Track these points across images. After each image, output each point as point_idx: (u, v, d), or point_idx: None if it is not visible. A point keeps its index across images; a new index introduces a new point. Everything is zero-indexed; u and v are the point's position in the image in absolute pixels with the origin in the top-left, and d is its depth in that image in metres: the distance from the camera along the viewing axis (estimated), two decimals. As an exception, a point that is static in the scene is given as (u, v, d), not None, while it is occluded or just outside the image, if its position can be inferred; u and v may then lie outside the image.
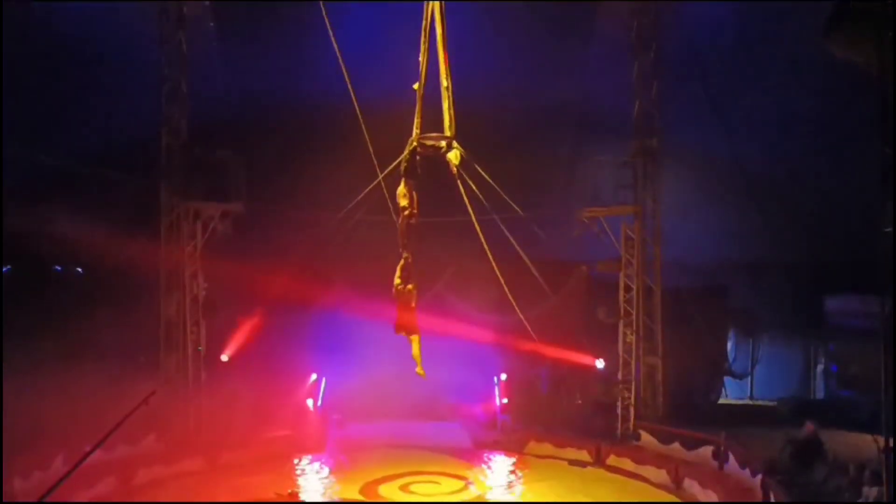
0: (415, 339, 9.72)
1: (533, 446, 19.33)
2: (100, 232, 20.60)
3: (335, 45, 9.31)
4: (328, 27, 9.56)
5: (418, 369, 9.76)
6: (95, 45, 17.69)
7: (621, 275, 19.13)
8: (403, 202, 9.46)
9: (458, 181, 9.60)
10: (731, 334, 23.05)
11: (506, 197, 10.48)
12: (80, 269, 20.58)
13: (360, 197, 10.47)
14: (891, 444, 11.08)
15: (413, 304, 9.57)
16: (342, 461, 18.39)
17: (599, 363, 19.77)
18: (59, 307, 19.53)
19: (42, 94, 18.11)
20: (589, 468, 17.94)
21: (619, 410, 19.10)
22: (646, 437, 18.12)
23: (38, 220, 18.95)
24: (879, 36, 11.52)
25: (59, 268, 20.27)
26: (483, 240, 10.18)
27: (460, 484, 16.50)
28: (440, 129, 9.55)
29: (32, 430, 14.50)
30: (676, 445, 17.07)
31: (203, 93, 18.69)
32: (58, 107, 18.53)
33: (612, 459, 17.96)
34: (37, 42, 17.20)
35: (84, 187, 20.03)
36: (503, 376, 20.79)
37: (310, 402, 20.06)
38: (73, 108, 18.66)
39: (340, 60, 9.38)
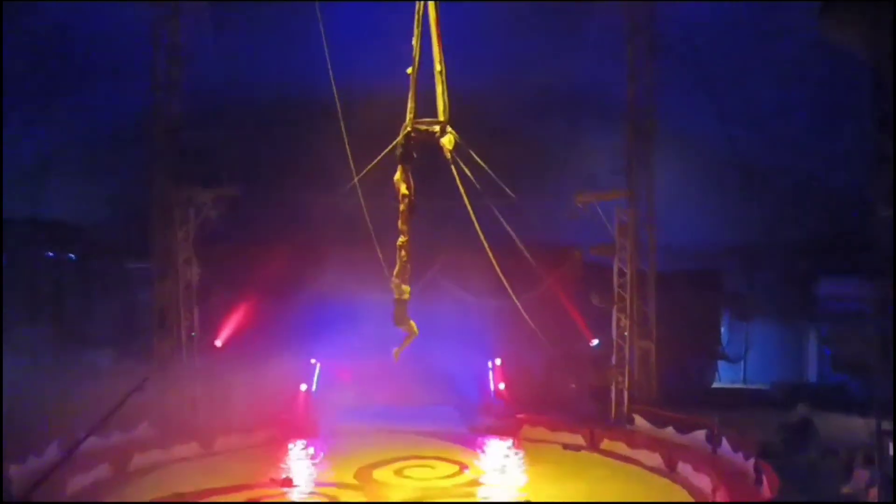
0: (409, 338, 9.73)
1: (527, 430, 19.41)
2: (92, 218, 20.60)
3: (322, 32, 9.28)
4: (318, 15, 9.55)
5: (396, 351, 9.81)
6: (87, 30, 17.59)
7: (615, 259, 19.14)
8: (403, 188, 9.43)
9: (452, 166, 9.56)
10: (724, 318, 23.13)
11: (499, 181, 10.44)
12: (72, 256, 20.54)
13: (354, 181, 10.41)
14: (882, 427, 11.16)
15: (406, 297, 9.54)
16: (336, 446, 18.42)
17: (594, 342, 19.84)
18: (52, 294, 19.52)
19: (33, 79, 18.01)
20: (583, 452, 18.02)
21: (612, 395, 19.17)
22: (639, 421, 18.20)
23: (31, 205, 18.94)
24: (872, 18, 11.52)
25: (51, 254, 20.22)
26: (477, 224, 10.15)
27: (455, 468, 16.53)
28: (434, 113, 9.51)
29: (27, 417, 14.47)
30: (670, 429, 17.16)
31: (195, 77, 18.57)
32: (49, 92, 18.43)
33: (605, 443, 18.04)
34: (28, 27, 17.08)
35: (77, 172, 19.99)
36: (497, 361, 20.84)
37: (303, 386, 20.08)
38: (65, 94, 18.55)
39: (325, 47, 9.35)
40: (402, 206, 9.45)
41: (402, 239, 9.43)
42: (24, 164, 18.77)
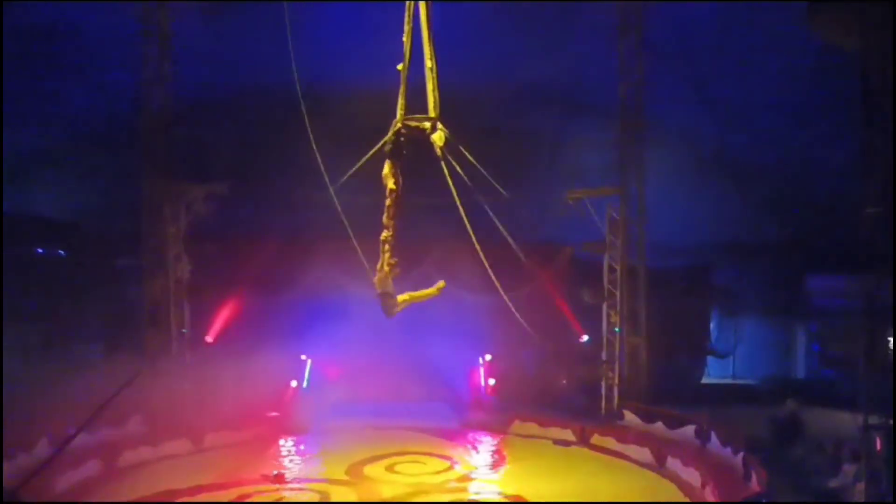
0: (406, 298, 9.60)
1: (518, 426, 19.45)
2: (82, 214, 20.52)
3: (288, 30, 9.32)
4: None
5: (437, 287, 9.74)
6: (76, 24, 17.51)
7: (605, 256, 19.20)
8: (391, 183, 9.42)
9: (443, 162, 9.56)
10: (713, 314, 23.24)
11: (490, 178, 10.45)
12: (62, 252, 20.47)
13: (345, 178, 10.41)
14: (869, 422, 11.25)
15: (391, 290, 9.49)
16: (327, 442, 18.43)
17: (584, 338, 19.91)
18: (42, 290, 19.44)
19: (23, 74, 17.92)
20: (573, 447, 18.08)
21: (602, 390, 19.24)
22: (629, 417, 18.27)
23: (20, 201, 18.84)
24: (860, 15, 11.57)
25: (41, 251, 20.14)
26: (467, 221, 10.16)
27: (446, 464, 16.56)
28: (425, 109, 9.51)
29: (17, 413, 14.42)
30: (659, 424, 17.23)
31: (186, 73, 18.51)
32: (37, 86, 18.34)
33: (596, 439, 18.09)
34: (18, 22, 16.99)
35: (66, 169, 19.91)
36: (487, 357, 20.88)
37: (294, 382, 20.07)
38: (53, 88, 18.47)
39: (290, 44, 9.39)
40: (388, 202, 9.43)
41: (385, 233, 9.41)
42: (12, 159, 18.69)
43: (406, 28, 9.33)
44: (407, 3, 9.29)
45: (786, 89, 18.58)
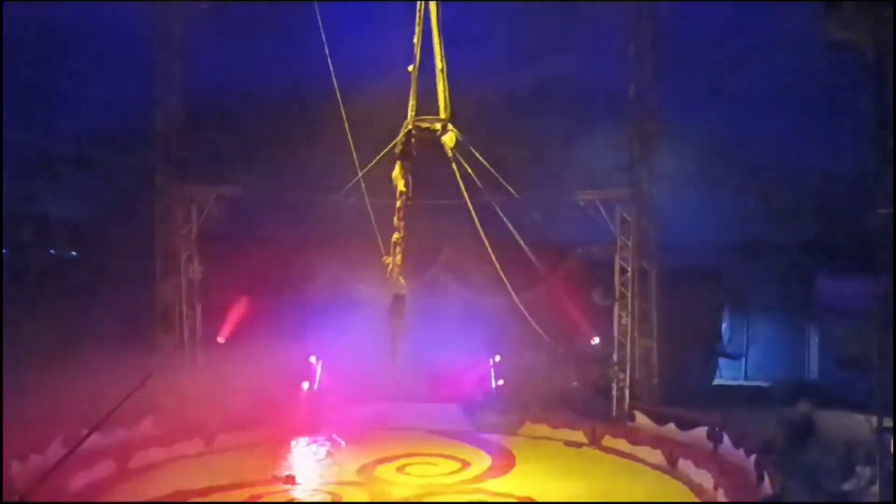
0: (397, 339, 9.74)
1: (529, 427, 19.42)
2: (95, 215, 20.61)
3: (321, 31, 9.34)
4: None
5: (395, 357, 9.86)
6: (88, 25, 17.58)
7: (616, 257, 19.15)
8: (401, 185, 9.46)
9: (454, 164, 9.57)
10: (725, 315, 23.11)
11: (501, 179, 10.46)
12: (74, 253, 20.56)
13: (355, 179, 10.44)
14: (882, 424, 11.19)
15: (403, 292, 9.55)
16: (339, 443, 18.46)
17: (595, 340, 19.87)
18: (54, 291, 19.53)
19: (35, 75, 18.01)
20: (584, 449, 18.05)
21: (614, 392, 19.18)
22: (641, 418, 18.23)
23: (32, 202, 18.94)
24: (876, 16, 11.52)
25: (53, 251, 20.23)
26: (478, 222, 10.17)
27: (457, 465, 16.57)
28: (435, 111, 9.52)
29: (30, 415, 14.51)
30: (671, 426, 17.18)
31: (198, 75, 18.59)
32: (51, 88, 18.43)
33: (607, 440, 18.06)
34: (29, 22, 17.08)
35: (79, 170, 19.99)
36: (497, 358, 20.84)
37: (306, 384, 20.10)
38: (67, 90, 18.55)
39: (326, 50, 9.40)
40: (398, 203, 9.47)
41: (396, 235, 9.44)
42: (25, 160, 18.79)
43: (417, 30, 9.36)
44: (418, 4, 9.31)
45: (800, 89, 18.46)
